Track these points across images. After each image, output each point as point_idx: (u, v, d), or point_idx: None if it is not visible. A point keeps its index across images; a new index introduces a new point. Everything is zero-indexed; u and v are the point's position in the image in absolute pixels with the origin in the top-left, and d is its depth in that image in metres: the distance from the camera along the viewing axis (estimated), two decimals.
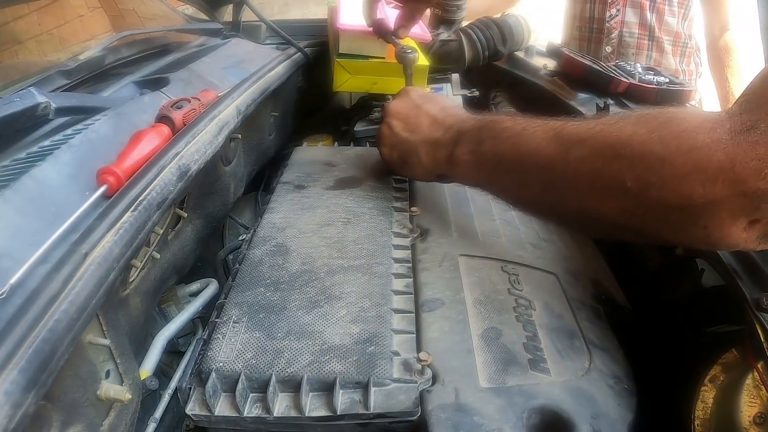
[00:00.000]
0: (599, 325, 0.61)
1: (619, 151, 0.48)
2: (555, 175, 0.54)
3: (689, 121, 0.45)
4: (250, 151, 0.96)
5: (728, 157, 0.41)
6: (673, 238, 0.50)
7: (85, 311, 0.42)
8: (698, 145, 0.43)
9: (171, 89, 0.82)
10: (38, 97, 0.61)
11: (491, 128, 0.62)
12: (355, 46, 1.05)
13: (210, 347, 0.51)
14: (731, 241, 0.45)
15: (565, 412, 0.47)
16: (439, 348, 0.52)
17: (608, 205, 0.50)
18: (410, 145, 0.72)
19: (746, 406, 0.48)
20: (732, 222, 0.43)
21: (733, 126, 0.42)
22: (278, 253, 0.64)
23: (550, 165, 0.54)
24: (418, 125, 0.72)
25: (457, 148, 0.65)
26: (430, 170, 0.71)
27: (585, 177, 0.51)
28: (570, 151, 0.52)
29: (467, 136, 0.65)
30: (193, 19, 1.38)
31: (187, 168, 0.61)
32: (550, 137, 0.55)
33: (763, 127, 0.41)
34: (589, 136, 0.51)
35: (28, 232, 0.48)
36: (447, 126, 0.69)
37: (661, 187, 0.45)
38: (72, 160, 0.59)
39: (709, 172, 0.42)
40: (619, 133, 0.49)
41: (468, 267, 0.64)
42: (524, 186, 0.60)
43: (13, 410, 0.33)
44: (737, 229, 0.44)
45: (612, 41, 1.69)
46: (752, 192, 0.41)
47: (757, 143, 0.40)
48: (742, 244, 0.45)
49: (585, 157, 0.51)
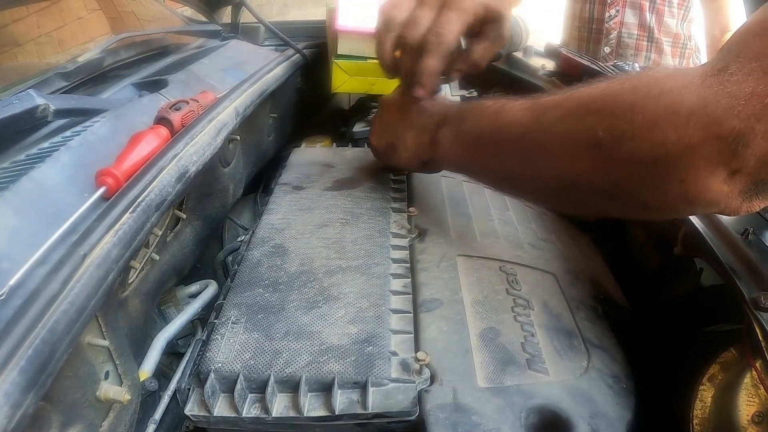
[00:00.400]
0: (598, 324, 0.61)
1: (589, 107, 0.48)
2: (529, 142, 0.54)
3: (662, 72, 0.45)
4: (248, 152, 0.96)
5: (699, 98, 0.40)
6: (650, 199, 0.47)
7: (84, 312, 0.42)
8: (668, 89, 0.42)
9: (170, 91, 0.82)
10: (37, 99, 0.61)
11: (473, 108, 0.63)
12: (353, 47, 1.06)
13: (209, 348, 0.51)
14: (711, 195, 0.42)
15: (563, 411, 0.47)
16: (437, 348, 0.52)
17: (582, 166, 0.49)
18: (397, 132, 0.73)
19: (745, 405, 0.48)
20: (710, 172, 0.41)
21: (705, 70, 0.42)
22: (277, 254, 0.64)
23: (525, 132, 0.55)
24: (407, 114, 0.73)
25: (439, 130, 0.66)
26: (415, 155, 0.72)
27: (558, 138, 0.51)
28: (543, 116, 0.52)
29: (449, 119, 0.66)
30: (191, 21, 1.39)
31: (186, 169, 0.61)
32: (525, 108, 0.55)
33: (734, 67, 0.40)
34: (562, 100, 0.52)
35: (28, 234, 0.49)
36: (433, 112, 0.70)
37: (633, 136, 0.44)
38: (71, 161, 0.59)
39: (680, 115, 0.41)
40: (591, 90, 0.49)
41: (466, 267, 0.64)
42: (501, 159, 0.59)
43: (13, 411, 0.33)
44: (716, 181, 0.41)
45: (611, 42, 1.69)
46: (728, 134, 0.39)
47: (728, 82, 0.39)
48: (724, 201, 0.42)
49: (557, 119, 0.51)
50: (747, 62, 0.39)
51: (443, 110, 0.69)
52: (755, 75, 0.38)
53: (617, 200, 0.50)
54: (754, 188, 0.42)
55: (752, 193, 0.42)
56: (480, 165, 0.64)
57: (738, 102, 0.38)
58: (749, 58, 0.39)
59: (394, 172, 0.83)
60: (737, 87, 0.39)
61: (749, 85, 0.38)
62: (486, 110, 0.61)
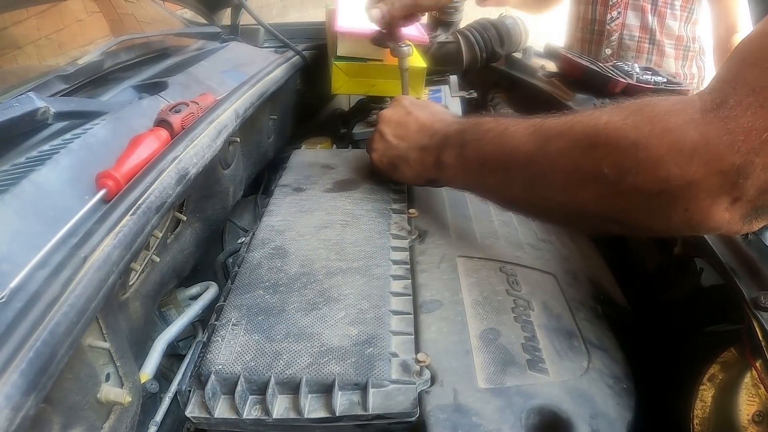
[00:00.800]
0: (598, 325, 0.61)
1: (594, 140, 0.48)
2: (536, 170, 0.55)
3: (661, 106, 0.46)
4: (248, 154, 0.97)
5: (701, 135, 0.41)
6: (655, 225, 0.49)
7: (84, 315, 0.42)
8: (671, 127, 0.43)
9: (169, 93, 0.82)
10: (37, 101, 0.62)
11: (475, 131, 0.63)
12: (352, 48, 1.06)
13: (209, 350, 0.51)
14: (714, 223, 0.44)
15: (563, 412, 0.47)
16: (438, 349, 0.52)
17: (587, 196, 0.50)
18: (399, 151, 0.73)
19: (745, 404, 0.48)
20: (712, 202, 0.42)
21: (704, 105, 0.42)
22: (277, 255, 0.64)
23: (531, 161, 0.55)
24: (407, 132, 0.73)
25: (443, 153, 0.66)
26: (420, 175, 0.72)
27: (564, 169, 0.52)
28: (548, 146, 0.53)
29: (452, 141, 0.66)
30: (191, 23, 1.39)
31: (186, 172, 0.61)
32: (529, 133, 0.56)
33: (732, 102, 0.41)
34: (566, 129, 0.52)
35: (28, 236, 0.49)
36: (434, 131, 0.70)
37: (637, 171, 0.45)
38: (71, 164, 0.59)
39: (683, 153, 0.42)
40: (594, 123, 0.49)
41: (466, 268, 0.64)
42: (508, 184, 0.60)
43: (14, 413, 0.34)
44: (719, 210, 0.43)
45: (612, 43, 1.69)
46: (729, 168, 0.40)
47: (727, 118, 0.40)
48: (726, 226, 0.44)
49: (562, 150, 0.51)
50: (744, 96, 0.40)
51: (443, 128, 0.69)
52: (752, 110, 0.40)
53: (623, 225, 0.51)
54: (754, 213, 0.44)
55: (752, 217, 0.44)
56: (486, 188, 0.65)
57: (737, 138, 0.40)
58: (746, 92, 0.41)
59: None
60: (736, 123, 0.40)
61: (747, 120, 0.40)
62: (488, 132, 0.61)
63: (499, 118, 0.62)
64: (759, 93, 0.40)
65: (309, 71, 1.22)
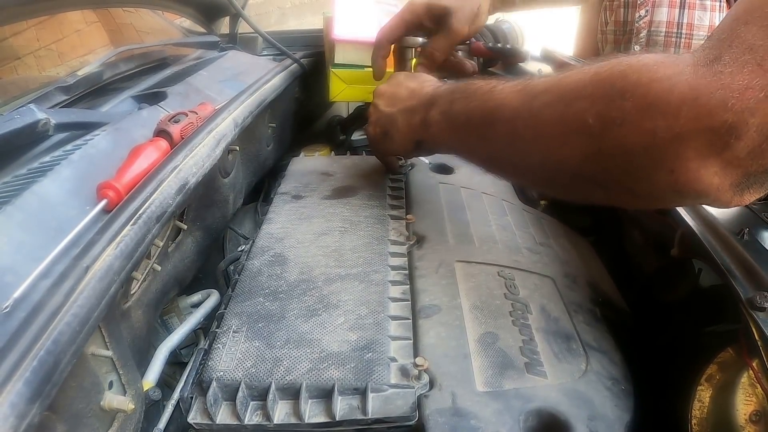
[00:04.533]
0: (596, 327, 0.61)
1: (579, 92, 0.47)
2: (519, 124, 0.54)
3: (652, 57, 0.44)
4: (248, 162, 0.97)
5: (691, 88, 0.39)
6: (638, 187, 0.46)
7: (87, 323, 0.42)
8: (659, 76, 0.41)
9: (169, 103, 0.83)
10: (38, 113, 0.62)
11: (463, 89, 0.63)
12: (350, 56, 1.06)
13: (211, 357, 0.51)
14: (701, 186, 0.41)
15: (562, 414, 0.48)
16: (436, 353, 0.53)
17: (571, 151, 0.49)
18: (390, 116, 0.74)
19: (742, 404, 0.49)
20: (701, 164, 0.40)
21: (696, 60, 0.40)
22: (276, 263, 0.64)
23: (515, 116, 0.54)
24: (398, 99, 0.74)
25: (430, 111, 0.67)
26: (408, 137, 0.73)
27: (548, 122, 0.50)
28: (534, 100, 0.52)
29: (440, 99, 0.67)
30: (190, 32, 1.40)
31: (186, 181, 0.62)
32: (517, 90, 0.55)
33: (727, 58, 0.39)
34: (553, 84, 0.51)
35: (31, 247, 0.49)
36: (423, 93, 0.71)
37: (622, 122, 0.43)
38: (72, 175, 0.59)
39: (671, 104, 0.40)
40: (582, 76, 0.48)
41: (464, 273, 0.64)
42: (490, 141, 0.59)
43: (18, 421, 0.34)
44: (707, 173, 0.40)
45: (641, 40, 1.69)
46: (719, 126, 0.38)
47: (721, 73, 0.38)
48: (714, 193, 0.41)
49: (548, 103, 0.51)
50: (740, 53, 0.38)
51: (434, 90, 0.70)
52: (749, 67, 0.38)
53: (605, 187, 0.49)
54: (746, 181, 0.41)
55: (744, 186, 0.41)
56: (469, 146, 0.65)
57: (732, 95, 0.37)
58: (742, 49, 0.39)
59: (391, 178, 0.84)
60: (731, 79, 0.38)
61: (743, 78, 0.37)
62: (477, 91, 0.61)
63: (489, 79, 0.61)
64: (756, 51, 0.38)
65: (307, 79, 1.23)
